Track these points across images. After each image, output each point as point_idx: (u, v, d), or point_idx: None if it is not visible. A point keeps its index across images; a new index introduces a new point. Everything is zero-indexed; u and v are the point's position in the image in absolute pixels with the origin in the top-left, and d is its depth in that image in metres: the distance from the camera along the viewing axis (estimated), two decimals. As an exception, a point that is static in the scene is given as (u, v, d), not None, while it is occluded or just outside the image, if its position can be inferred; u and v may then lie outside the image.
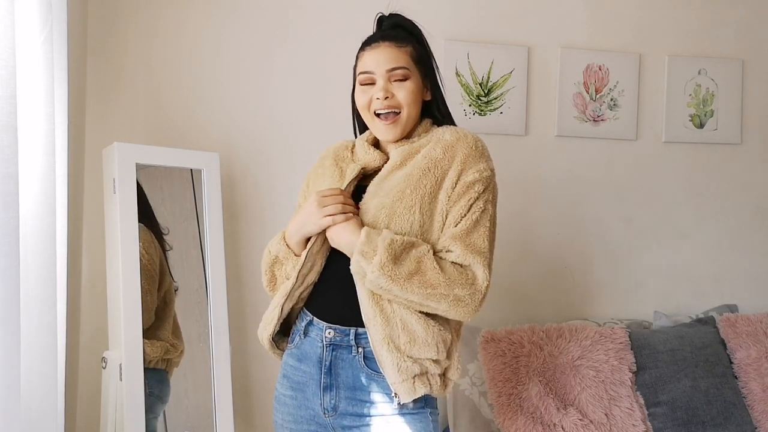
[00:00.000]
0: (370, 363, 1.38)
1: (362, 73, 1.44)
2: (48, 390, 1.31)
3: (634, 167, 2.54)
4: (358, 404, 1.38)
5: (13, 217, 1.06)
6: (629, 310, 2.52)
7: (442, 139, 1.43)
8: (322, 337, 1.41)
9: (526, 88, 2.42)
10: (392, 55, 1.42)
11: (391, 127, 1.43)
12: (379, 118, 1.43)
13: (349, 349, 1.39)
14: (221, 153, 2.08)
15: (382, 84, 1.42)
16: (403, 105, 1.42)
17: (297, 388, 1.45)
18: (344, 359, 1.39)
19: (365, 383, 1.38)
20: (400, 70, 1.41)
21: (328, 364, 1.40)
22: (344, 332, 1.39)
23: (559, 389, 2.07)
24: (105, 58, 2.05)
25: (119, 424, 1.77)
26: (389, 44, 1.43)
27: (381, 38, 1.45)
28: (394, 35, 1.45)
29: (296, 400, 1.45)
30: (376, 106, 1.42)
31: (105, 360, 1.84)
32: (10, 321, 1.06)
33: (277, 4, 2.20)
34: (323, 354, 1.40)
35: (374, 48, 1.44)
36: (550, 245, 2.47)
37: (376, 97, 1.42)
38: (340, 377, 1.39)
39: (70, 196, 1.65)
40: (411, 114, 1.44)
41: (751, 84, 2.64)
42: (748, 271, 2.65)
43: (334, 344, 1.40)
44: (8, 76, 1.06)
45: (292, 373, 1.46)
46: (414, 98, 1.43)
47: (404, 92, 1.41)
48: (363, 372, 1.38)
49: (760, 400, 2.18)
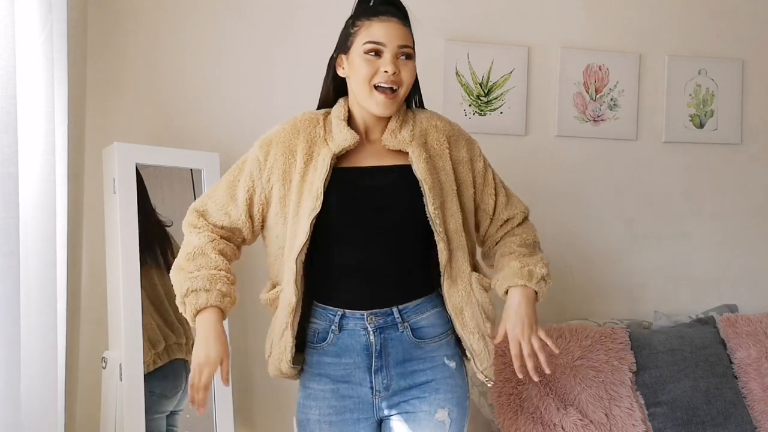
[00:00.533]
0: (417, 333, 1.46)
1: (371, 42, 1.40)
2: (48, 390, 1.31)
3: (634, 167, 2.54)
4: (408, 376, 1.46)
5: (13, 217, 1.06)
6: (629, 310, 2.52)
7: (437, 127, 1.51)
8: (364, 325, 1.44)
9: (526, 88, 2.42)
10: (403, 33, 1.42)
11: (390, 102, 1.41)
12: (377, 90, 1.41)
13: (395, 327, 1.45)
14: (221, 153, 2.08)
15: (389, 58, 1.40)
16: (404, 83, 1.42)
17: (340, 380, 1.46)
18: (392, 338, 1.45)
19: (414, 354, 1.46)
20: (409, 48, 1.43)
21: (378, 347, 1.44)
22: (386, 313, 1.44)
23: (559, 389, 2.07)
24: (105, 58, 2.05)
25: (119, 424, 1.77)
26: (398, 21, 1.43)
27: (391, 12, 1.43)
28: (401, 13, 1.46)
29: (338, 392, 1.46)
30: (381, 79, 1.40)
31: (105, 360, 1.84)
32: (10, 321, 1.06)
33: (278, 4, 2.20)
34: (370, 339, 1.44)
35: (385, 21, 1.41)
36: (549, 245, 2.46)
37: (384, 70, 1.39)
38: (390, 356, 1.45)
39: (70, 196, 1.65)
40: (405, 93, 1.45)
41: (751, 84, 2.64)
42: (748, 271, 2.65)
43: (380, 327, 1.44)
44: (8, 76, 1.06)
45: (332, 369, 1.46)
46: (413, 78, 1.45)
47: (408, 71, 1.42)
48: (411, 344, 1.46)
49: (760, 400, 2.18)
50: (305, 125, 1.48)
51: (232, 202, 1.48)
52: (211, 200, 1.50)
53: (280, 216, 1.46)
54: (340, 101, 1.50)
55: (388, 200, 1.45)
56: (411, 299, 1.47)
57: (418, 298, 1.47)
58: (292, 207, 1.44)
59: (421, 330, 1.47)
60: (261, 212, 1.48)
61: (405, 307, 1.46)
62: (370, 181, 1.45)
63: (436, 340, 1.48)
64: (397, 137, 1.46)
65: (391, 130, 1.46)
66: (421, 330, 1.47)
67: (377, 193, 1.45)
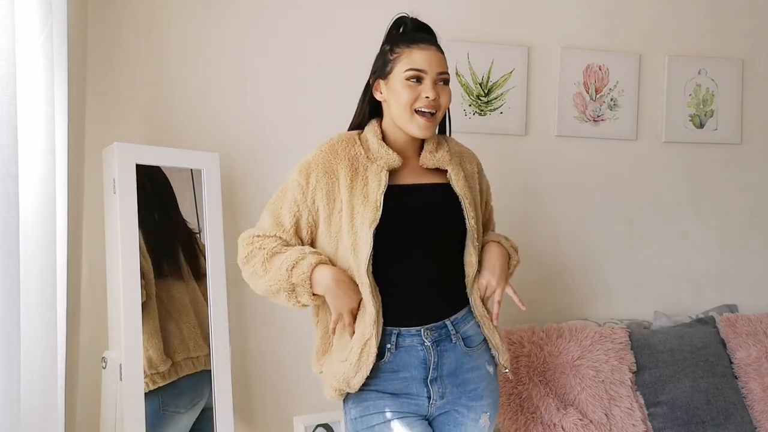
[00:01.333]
0: (467, 342, 1.54)
1: (413, 69, 1.48)
2: (48, 390, 1.31)
3: (634, 167, 2.54)
4: (461, 384, 1.52)
5: (13, 217, 1.06)
6: (629, 310, 2.52)
7: (466, 153, 1.65)
8: (421, 341, 1.49)
9: (526, 88, 2.42)
10: (441, 60, 1.51)
11: (431, 125, 1.50)
12: (418, 114, 1.49)
13: (449, 338, 1.52)
14: (221, 153, 2.08)
15: (430, 84, 1.48)
16: (442, 107, 1.51)
17: (397, 393, 1.50)
18: (447, 349, 1.51)
19: (464, 362, 1.53)
20: (446, 75, 1.52)
21: (435, 360, 1.50)
22: (440, 327, 1.51)
23: (559, 389, 2.07)
24: (105, 58, 2.05)
25: (119, 424, 1.77)
26: (437, 49, 1.51)
27: (428, 41, 1.52)
28: (434, 40, 1.54)
29: (397, 400, 1.49)
30: (422, 104, 1.48)
31: (105, 360, 1.84)
32: (10, 321, 1.06)
33: (278, 4, 2.20)
34: (429, 354, 1.49)
35: (425, 49, 1.49)
36: (550, 245, 2.47)
37: (425, 95, 1.47)
38: (444, 366, 1.51)
39: (70, 196, 1.65)
40: (442, 116, 1.55)
41: (751, 84, 2.64)
42: (748, 271, 2.65)
43: (436, 341, 1.50)
44: (8, 76, 1.06)
45: (390, 384, 1.50)
46: (450, 102, 1.54)
47: (446, 96, 1.52)
48: (463, 353, 1.53)
49: (760, 400, 2.18)
50: (343, 145, 1.55)
51: (279, 229, 1.53)
52: (260, 230, 1.56)
53: (326, 235, 1.52)
54: (373, 122, 1.58)
55: (435, 215, 1.54)
56: (458, 310, 1.55)
57: (462, 309, 1.56)
58: (345, 222, 1.48)
59: (469, 338, 1.55)
60: (310, 234, 1.55)
61: (455, 318, 1.53)
62: (418, 197, 1.54)
63: (480, 347, 1.57)
64: (435, 156, 1.56)
65: (429, 151, 1.56)
66: (470, 338, 1.55)
67: (425, 209, 1.53)
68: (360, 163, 1.51)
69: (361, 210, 1.46)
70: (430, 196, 1.55)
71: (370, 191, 1.47)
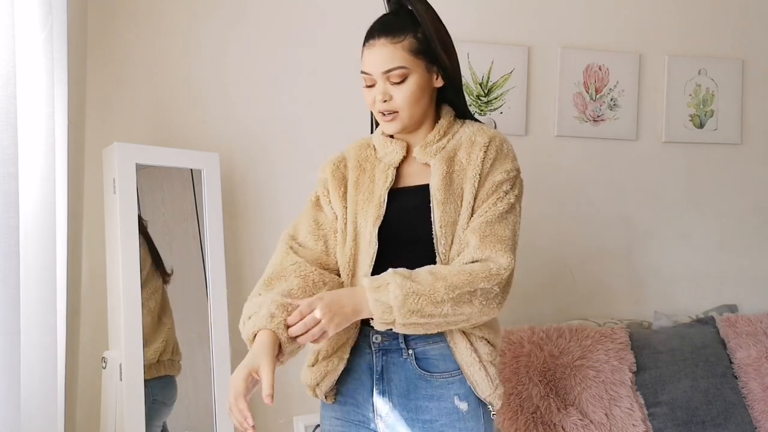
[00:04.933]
0: (422, 363, 1.36)
1: (362, 73, 1.40)
2: (48, 390, 1.31)
3: (634, 167, 2.54)
4: (413, 410, 1.36)
5: (13, 217, 1.06)
6: (629, 310, 2.52)
7: (475, 141, 1.40)
8: (369, 343, 1.39)
9: (526, 88, 2.42)
10: (387, 55, 1.35)
11: (392, 123, 1.40)
12: (381, 115, 1.41)
13: (399, 352, 1.37)
14: (221, 153, 2.08)
15: (381, 86, 1.37)
16: (400, 107, 1.38)
17: (347, 394, 1.43)
18: (395, 363, 1.37)
19: (419, 386, 1.36)
20: (397, 71, 1.35)
21: (379, 369, 1.38)
22: (392, 335, 1.36)
23: (560, 389, 2.07)
24: (105, 58, 2.05)
25: (119, 424, 1.77)
26: (384, 41, 1.35)
27: (378, 32, 1.37)
28: (391, 26, 1.37)
29: (346, 405, 1.43)
30: (378, 107, 1.40)
31: (105, 360, 1.84)
32: (10, 321, 1.06)
33: (279, 4, 2.20)
34: (373, 360, 1.38)
35: (371, 46, 1.37)
36: (550, 245, 2.47)
37: (376, 99, 1.39)
38: (393, 383, 1.37)
39: (70, 196, 1.65)
40: (413, 113, 1.40)
41: (751, 84, 2.64)
42: (748, 271, 2.65)
43: (383, 349, 1.38)
44: (8, 76, 1.06)
45: (342, 384, 1.43)
46: (414, 98, 1.38)
47: (401, 94, 1.37)
48: (416, 375, 1.36)
49: (760, 400, 2.18)
50: (356, 147, 1.52)
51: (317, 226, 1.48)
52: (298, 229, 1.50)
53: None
54: None
55: (409, 221, 1.40)
56: None
57: None
58: (350, 218, 1.43)
59: (428, 361, 1.36)
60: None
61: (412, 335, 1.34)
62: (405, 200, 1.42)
63: (446, 376, 1.36)
64: (425, 150, 1.42)
65: (424, 144, 1.43)
66: (428, 361, 1.36)
67: (402, 213, 1.41)
68: (368, 164, 1.48)
69: (363, 206, 1.41)
70: (413, 201, 1.40)
71: (375, 188, 1.42)
